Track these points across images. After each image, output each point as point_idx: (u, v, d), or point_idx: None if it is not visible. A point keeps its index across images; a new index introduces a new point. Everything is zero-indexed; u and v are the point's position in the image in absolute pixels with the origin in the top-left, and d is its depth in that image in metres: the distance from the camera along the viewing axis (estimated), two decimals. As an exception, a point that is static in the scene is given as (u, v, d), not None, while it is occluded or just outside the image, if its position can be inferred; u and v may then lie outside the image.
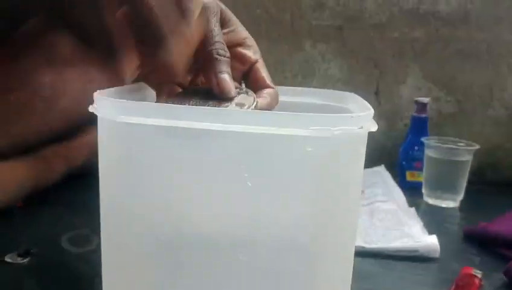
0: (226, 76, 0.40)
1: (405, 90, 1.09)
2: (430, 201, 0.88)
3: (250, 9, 1.10)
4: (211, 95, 0.41)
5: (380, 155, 1.02)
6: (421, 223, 0.70)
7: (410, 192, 0.88)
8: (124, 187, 0.37)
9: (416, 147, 0.96)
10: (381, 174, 0.95)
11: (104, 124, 0.37)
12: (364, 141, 0.37)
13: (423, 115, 0.97)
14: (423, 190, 0.90)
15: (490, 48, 1.04)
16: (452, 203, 0.87)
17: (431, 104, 1.04)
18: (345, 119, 0.34)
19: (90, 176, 0.38)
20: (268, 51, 1.08)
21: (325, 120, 0.33)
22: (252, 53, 0.47)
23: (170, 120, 0.34)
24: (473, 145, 0.86)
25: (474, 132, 1.06)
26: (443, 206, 0.87)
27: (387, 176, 0.93)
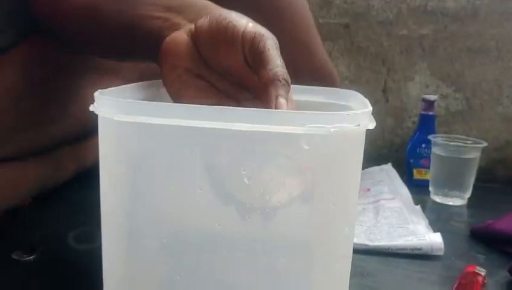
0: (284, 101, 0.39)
1: (413, 87, 1.08)
2: (437, 199, 0.88)
3: (257, 7, 1.10)
4: None
5: (388, 152, 1.02)
6: (426, 221, 0.70)
7: (417, 190, 0.88)
8: (124, 186, 0.38)
9: (423, 145, 0.96)
10: (388, 172, 0.94)
11: (104, 123, 0.37)
12: (362, 139, 0.37)
13: (430, 113, 0.96)
14: (430, 187, 0.89)
15: (499, 44, 1.02)
16: (459, 201, 0.86)
17: (439, 102, 1.03)
18: (341, 117, 0.34)
19: (98, 176, 0.38)
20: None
21: (322, 118, 0.33)
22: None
23: (170, 119, 0.34)
24: (480, 143, 0.85)
25: (483, 129, 1.05)
26: (450, 204, 0.86)
27: (394, 174, 0.93)
